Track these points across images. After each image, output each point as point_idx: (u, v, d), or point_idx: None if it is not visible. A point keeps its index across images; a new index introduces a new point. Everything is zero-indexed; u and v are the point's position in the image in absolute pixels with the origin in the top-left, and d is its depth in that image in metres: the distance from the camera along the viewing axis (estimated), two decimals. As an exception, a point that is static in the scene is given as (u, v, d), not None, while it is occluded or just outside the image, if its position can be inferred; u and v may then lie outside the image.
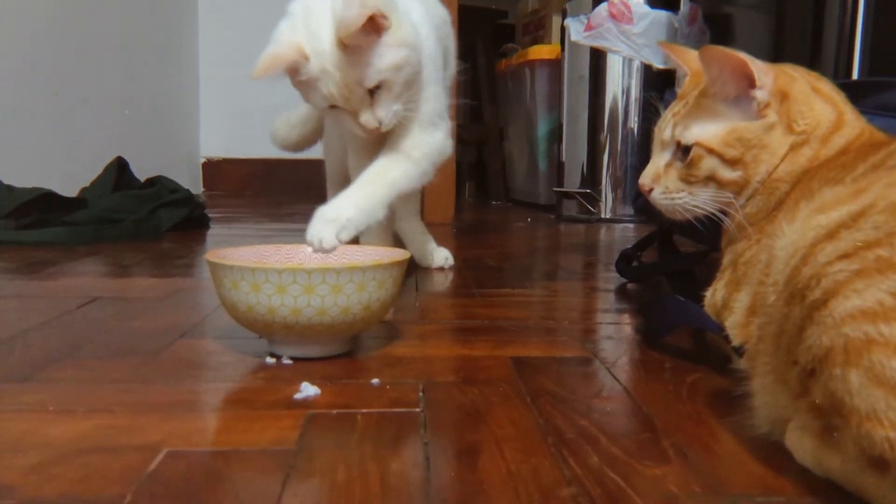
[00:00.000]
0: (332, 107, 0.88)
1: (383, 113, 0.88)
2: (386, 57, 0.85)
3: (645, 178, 0.73)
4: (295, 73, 0.86)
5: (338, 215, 0.85)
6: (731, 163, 0.67)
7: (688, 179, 0.70)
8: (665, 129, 0.72)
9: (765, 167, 0.66)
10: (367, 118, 0.87)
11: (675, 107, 0.73)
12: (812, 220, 0.44)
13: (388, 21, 0.84)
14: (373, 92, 0.87)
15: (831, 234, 0.42)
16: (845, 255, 0.40)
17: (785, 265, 0.45)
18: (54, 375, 0.62)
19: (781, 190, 0.66)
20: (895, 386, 0.36)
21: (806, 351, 0.40)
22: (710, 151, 0.67)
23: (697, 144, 0.68)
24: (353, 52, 0.83)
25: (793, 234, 0.46)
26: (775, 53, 1.80)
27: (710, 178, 0.68)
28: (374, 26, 0.83)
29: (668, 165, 0.72)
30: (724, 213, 0.69)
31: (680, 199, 0.70)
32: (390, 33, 0.85)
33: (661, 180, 0.72)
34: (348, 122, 0.90)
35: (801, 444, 0.45)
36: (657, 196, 0.72)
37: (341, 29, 0.81)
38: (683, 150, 0.69)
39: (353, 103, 0.86)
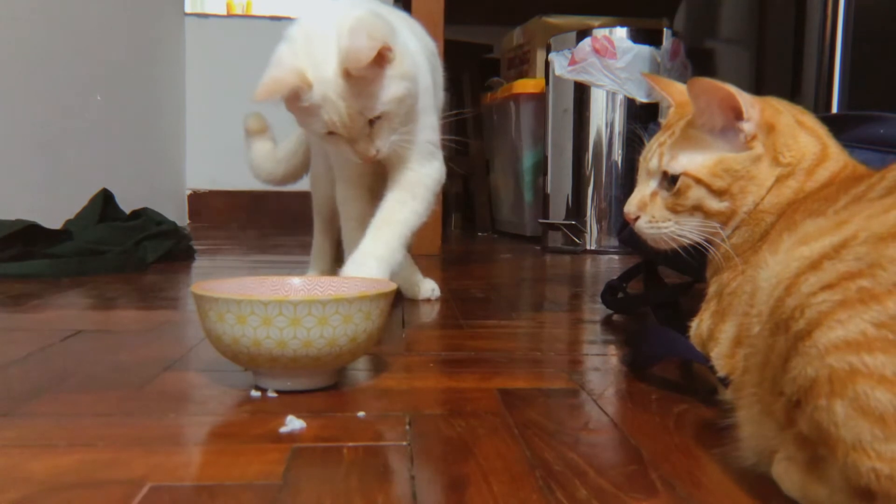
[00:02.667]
0: (330, 133, 0.88)
1: (381, 143, 0.89)
2: (390, 89, 0.86)
3: (630, 207, 0.73)
4: (296, 99, 0.86)
5: (367, 271, 0.89)
6: (719, 193, 0.67)
7: (674, 209, 0.70)
8: (651, 158, 0.73)
9: (752, 198, 0.67)
10: (365, 147, 0.88)
11: (661, 136, 0.74)
12: (795, 252, 0.45)
13: (392, 54, 0.85)
14: (372, 122, 0.87)
15: (814, 265, 0.42)
16: (828, 286, 0.40)
17: (769, 296, 0.45)
18: (36, 409, 0.61)
19: (767, 221, 0.66)
20: (880, 416, 0.36)
21: (791, 382, 0.41)
22: (699, 182, 0.68)
23: (685, 174, 0.69)
24: (358, 82, 0.84)
25: (776, 265, 0.46)
26: (756, 87, 1.83)
27: (697, 208, 0.69)
28: (379, 59, 0.84)
29: (654, 194, 0.72)
30: (710, 242, 0.70)
31: (666, 228, 0.71)
32: (394, 66, 0.86)
33: (648, 209, 0.72)
34: (344, 149, 0.90)
35: (787, 475, 0.45)
36: (643, 225, 0.72)
37: (350, 61, 0.82)
38: (670, 180, 0.70)
39: (353, 132, 0.87)
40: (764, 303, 0.46)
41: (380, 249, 0.94)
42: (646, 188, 0.73)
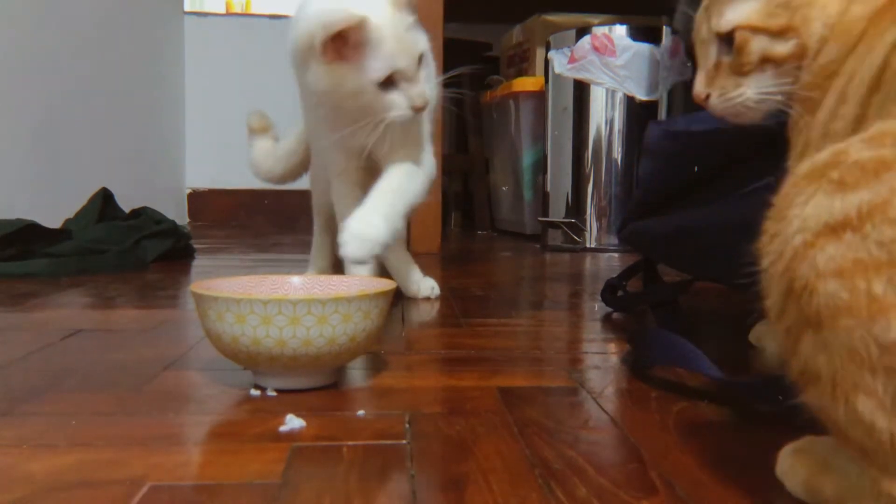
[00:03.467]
0: (384, 84, 0.86)
1: (429, 87, 0.89)
2: (420, 33, 0.88)
3: (698, 87, 0.67)
4: (346, 40, 0.84)
5: (368, 234, 0.87)
6: (781, 33, 0.60)
7: (741, 70, 0.63)
8: (701, 27, 0.67)
9: (819, 23, 0.59)
10: (422, 90, 0.87)
11: (705, 2, 0.67)
12: None
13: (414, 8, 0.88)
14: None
15: None
16: None
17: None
18: (35, 409, 0.61)
19: (858, 28, 0.56)
20: None
21: None
22: (755, 30, 0.61)
23: (739, 28, 0.62)
24: (404, 19, 0.85)
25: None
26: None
27: (766, 61, 0.61)
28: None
29: (718, 65, 0.65)
30: (792, 100, 0.62)
31: (740, 96, 0.64)
32: (415, 18, 0.88)
33: (715, 82, 0.65)
34: (395, 102, 0.87)
35: (793, 471, 0.44)
36: (715, 101, 0.66)
37: None
38: (726, 41, 0.63)
39: (412, 68, 0.85)
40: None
41: (385, 208, 0.93)
42: (707, 61, 0.66)
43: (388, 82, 0.86)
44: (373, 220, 0.88)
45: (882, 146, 0.35)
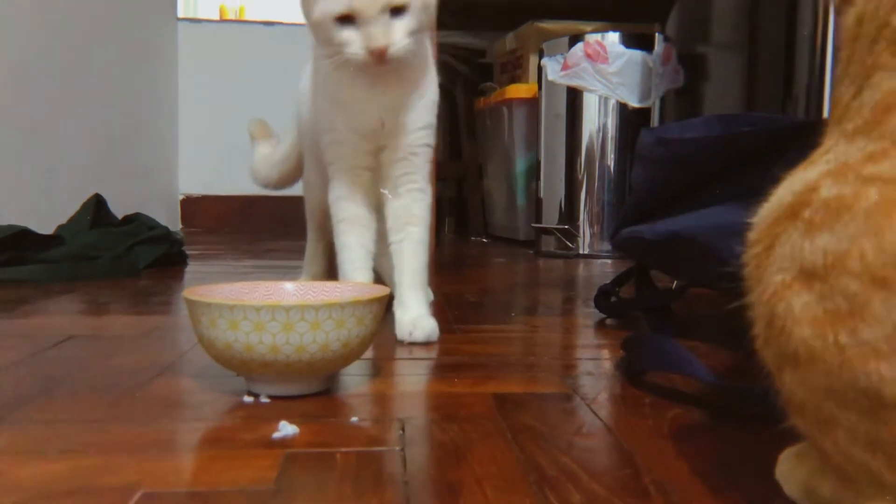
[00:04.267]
0: (344, 19, 0.86)
1: (397, 37, 0.87)
2: None
3: None
4: None
5: (420, 325, 0.92)
6: None
7: None
8: None
9: None
10: (377, 34, 0.86)
11: None
12: None
13: None
14: (393, 14, 0.87)
15: None
16: None
17: None
18: (26, 416, 0.61)
19: None
20: None
21: None
22: None
23: None
24: None
25: None
26: (748, 93, 1.83)
27: None
28: None
29: None
30: None
31: None
32: None
33: None
34: (352, 39, 0.87)
35: (792, 474, 0.44)
36: None
37: None
38: None
39: (371, 12, 0.85)
40: None
41: (420, 295, 0.97)
42: None
43: (348, 20, 0.87)
44: (421, 316, 0.94)
45: (845, 182, 0.34)
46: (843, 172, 0.35)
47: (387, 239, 1.01)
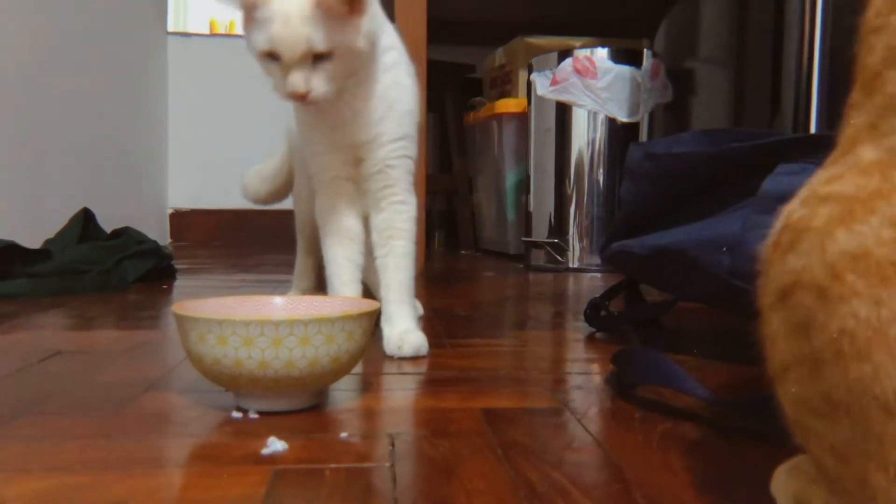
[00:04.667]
0: (268, 55, 0.87)
1: (318, 83, 0.87)
2: (349, 35, 0.85)
3: None
4: (252, 7, 0.85)
5: (408, 339, 0.92)
6: None
7: None
8: None
9: None
10: (298, 80, 0.86)
11: None
12: None
13: (365, 7, 0.85)
14: (317, 59, 0.86)
15: None
16: None
17: None
18: (12, 432, 0.60)
19: None
20: None
21: None
22: None
23: None
24: (322, 14, 0.83)
25: None
26: (736, 107, 1.85)
27: None
28: (354, 4, 0.84)
29: None
30: None
31: None
32: (364, 19, 0.86)
33: None
34: (276, 77, 0.88)
35: (785, 486, 0.44)
36: None
37: None
38: None
39: (293, 59, 0.85)
40: None
41: (408, 309, 0.97)
42: None
43: (273, 59, 0.87)
44: (408, 337, 0.93)
45: (808, 205, 0.36)
46: (809, 196, 0.37)
47: (373, 253, 1.01)
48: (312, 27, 0.83)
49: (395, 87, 0.98)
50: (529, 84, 2.24)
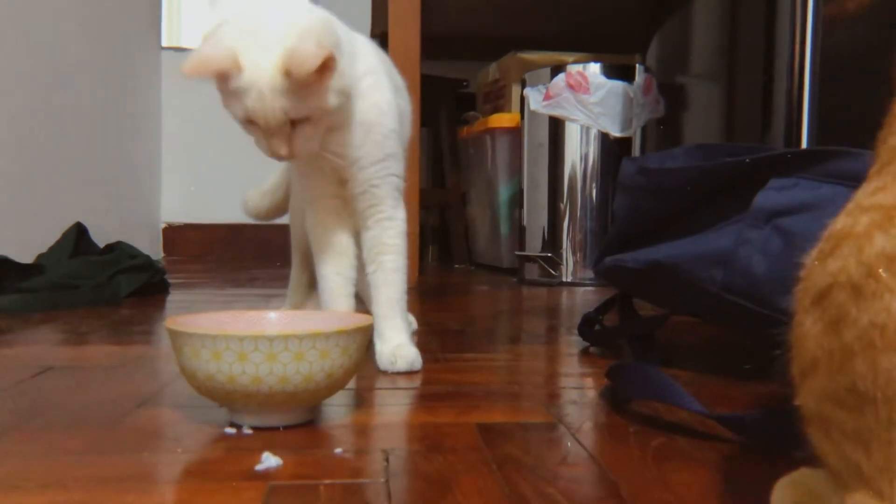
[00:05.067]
0: (249, 122, 0.88)
1: (299, 145, 0.88)
2: (322, 98, 0.85)
3: None
4: (224, 80, 0.86)
5: (402, 354, 0.92)
6: None
7: None
8: None
9: None
10: (279, 145, 0.87)
11: None
12: None
13: (335, 64, 0.85)
14: (295, 122, 0.87)
15: None
16: None
17: None
18: (4, 449, 0.60)
19: None
20: None
21: None
22: None
23: None
24: (293, 84, 0.83)
25: None
26: (727, 122, 1.86)
27: None
28: (322, 68, 0.83)
29: None
30: None
31: None
32: (335, 78, 0.86)
33: None
34: (259, 140, 0.89)
35: (783, 500, 0.45)
36: None
37: (295, 64, 0.81)
38: None
39: (270, 127, 0.86)
40: None
41: (401, 324, 0.97)
42: None
43: (253, 124, 0.88)
44: (402, 352, 0.93)
45: (850, 215, 0.38)
46: (853, 207, 0.39)
47: (365, 269, 1.01)
48: (285, 98, 0.83)
49: (374, 110, 0.97)
50: (523, 99, 2.25)
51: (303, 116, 0.85)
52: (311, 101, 0.85)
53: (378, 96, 0.98)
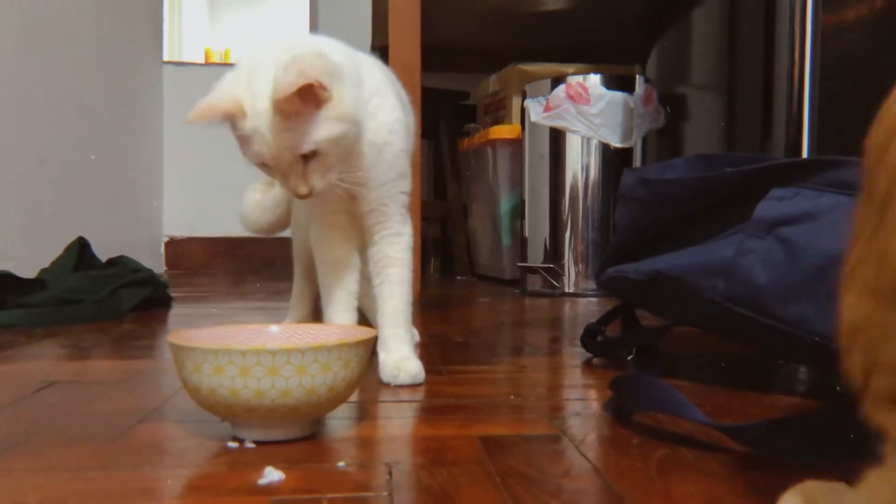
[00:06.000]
0: (264, 164, 0.88)
1: (315, 181, 0.88)
2: (321, 129, 0.84)
3: None
4: (232, 125, 0.86)
5: (405, 367, 0.92)
6: None
7: None
8: None
9: None
10: (296, 183, 0.87)
11: None
12: None
13: (329, 93, 0.84)
14: (306, 159, 0.86)
15: None
16: None
17: None
18: (6, 465, 0.60)
19: None
20: None
21: None
22: None
23: None
24: (288, 117, 0.83)
25: None
26: (728, 132, 1.86)
27: None
28: (312, 96, 0.83)
29: None
30: None
31: None
32: (330, 106, 0.85)
33: None
34: (279, 181, 0.90)
35: None
36: None
37: (276, 92, 0.81)
38: None
39: (282, 166, 0.86)
40: None
41: (405, 335, 0.97)
42: None
43: (267, 166, 0.88)
44: (405, 365, 0.93)
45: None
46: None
47: (371, 282, 1.01)
48: (286, 136, 0.83)
49: (384, 129, 0.97)
50: (523, 110, 2.25)
51: (309, 151, 0.85)
52: (314, 132, 0.84)
53: (386, 115, 0.98)
